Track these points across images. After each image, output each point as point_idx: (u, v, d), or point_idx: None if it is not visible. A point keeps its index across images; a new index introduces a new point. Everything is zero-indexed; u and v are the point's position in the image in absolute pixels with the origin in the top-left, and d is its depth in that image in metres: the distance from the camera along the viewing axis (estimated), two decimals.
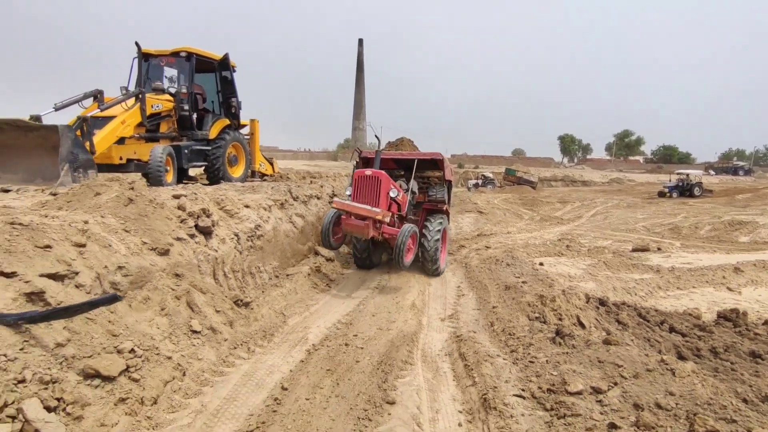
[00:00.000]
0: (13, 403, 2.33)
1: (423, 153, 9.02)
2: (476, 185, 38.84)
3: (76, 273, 3.30)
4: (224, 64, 9.93)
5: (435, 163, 9.14)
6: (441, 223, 8.44)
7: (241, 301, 4.88)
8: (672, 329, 5.43)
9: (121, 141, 7.87)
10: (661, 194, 29.96)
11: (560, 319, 5.11)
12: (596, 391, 3.31)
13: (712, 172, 59.05)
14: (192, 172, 10.77)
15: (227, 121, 10.09)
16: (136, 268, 3.83)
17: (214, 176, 9.65)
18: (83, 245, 3.50)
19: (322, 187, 10.68)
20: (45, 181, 6.58)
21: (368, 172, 7.49)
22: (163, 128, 8.95)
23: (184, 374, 3.41)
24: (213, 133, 9.71)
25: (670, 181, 31.31)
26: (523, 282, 7.20)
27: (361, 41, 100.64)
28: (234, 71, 10.26)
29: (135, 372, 3.03)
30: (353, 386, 3.62)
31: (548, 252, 10.92)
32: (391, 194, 7.65)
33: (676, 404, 2.97)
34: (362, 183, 7.45)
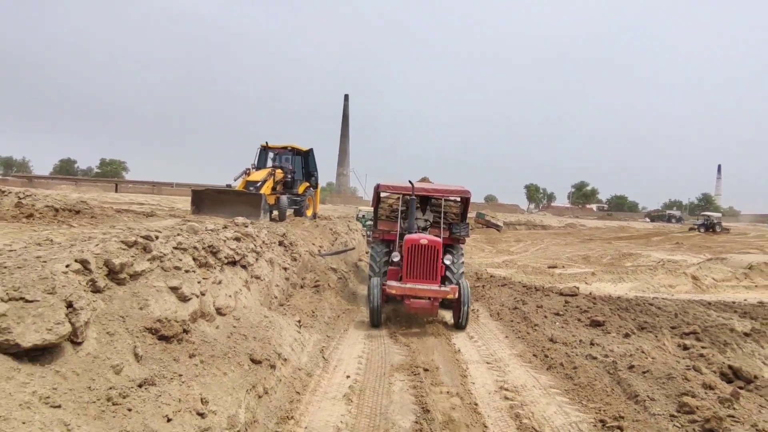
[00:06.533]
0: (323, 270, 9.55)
1: (451, 189, 8.89)
2: None
3: (323, 246, 10.55)
4: (308, 152, 17.38)
5: (458, 202, 9.37)
6: (462, 254, 8.54)
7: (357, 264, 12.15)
8: (540, 291, 12.48)
9: None
10: (692, 229, 41.62)
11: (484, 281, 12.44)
12: (485, 285, 10.59)
13: (647, 219, 68.77)
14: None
15: (307, 184, 17.42)
16: (332, 244, 11.09)
17: (299, 215, 16.82)
18: (324, 239, 10.76)
19: (357, 224, 18.08)
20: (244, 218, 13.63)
21: (423, 241, 6.99)
22: (279, 188, 16.19)
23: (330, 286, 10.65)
24: (300, 190, 16.98)
25: (698, 220, 43.91)
26: (473, 273, 14.51)
27: (346, 96, 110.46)
28: (312, 154, 17.68)
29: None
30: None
31: (493, 266, 18.34)
32: (446, 261, 7.37)
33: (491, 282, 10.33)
34: (416, 253, 6.96)
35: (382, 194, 9.25)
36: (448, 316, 7.50)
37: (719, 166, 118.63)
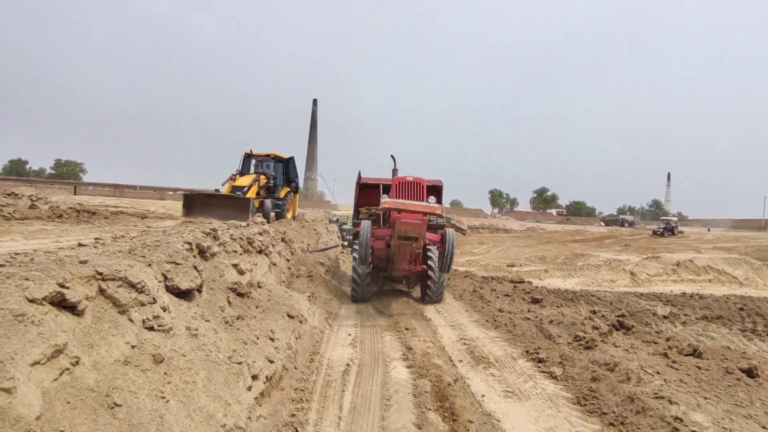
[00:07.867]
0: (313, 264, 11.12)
1: (426, 179, 9.16)
2: None
3: (309, 243, 12.08)
4: (288, 160, 18.78)
5: (433, 189, 9.56)
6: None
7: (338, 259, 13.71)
8: (495, 280, 14.53)
9: None
10: (655, 233, 44.83)
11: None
12: (450, 277, 12.36)
13: (602, 224, 73.24)
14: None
15: (288, 189, 18.81)
16: (317, 242, 12.62)
17: (281, 217, 18.19)
18: (309, 238, 12.28)
19: (333, 226, 19.64)
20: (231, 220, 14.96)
21: (410, 178, 7.54)
22: (262, 193, 17.53)
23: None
24: (282, 195, 18.37)
25: (660, 224, 47.26)
26: None
27: (315, 101, 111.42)
28: (293, 162, 19.08)
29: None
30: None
31: (456, 265, 20.19)
32: (430, 200, 7.67)
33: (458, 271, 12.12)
34: (404, 188, 7.51)
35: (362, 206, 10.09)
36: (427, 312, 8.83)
37: (669, 174, 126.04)
